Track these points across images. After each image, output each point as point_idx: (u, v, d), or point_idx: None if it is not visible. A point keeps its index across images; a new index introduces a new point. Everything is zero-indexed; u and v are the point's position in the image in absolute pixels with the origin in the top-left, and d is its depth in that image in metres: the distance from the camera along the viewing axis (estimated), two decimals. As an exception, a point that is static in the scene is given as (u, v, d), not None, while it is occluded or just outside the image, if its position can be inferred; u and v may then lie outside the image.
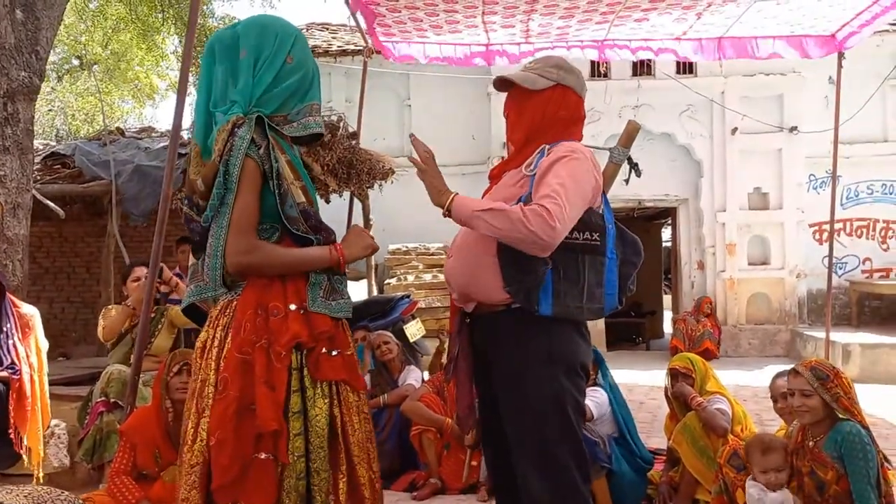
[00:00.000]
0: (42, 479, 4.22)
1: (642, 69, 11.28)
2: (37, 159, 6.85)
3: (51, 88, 18.18)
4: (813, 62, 7.64)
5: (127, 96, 20.74)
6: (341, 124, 7.53)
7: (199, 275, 2.28)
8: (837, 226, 10.71)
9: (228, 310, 2.22)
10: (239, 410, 2.09)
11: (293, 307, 2.17)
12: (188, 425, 2.20)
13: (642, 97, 11.15)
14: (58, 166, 7.92)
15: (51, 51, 5.79)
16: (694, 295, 11.43)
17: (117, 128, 9.05)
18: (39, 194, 6.55)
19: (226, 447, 2.08)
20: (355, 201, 7.68)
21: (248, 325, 2.14)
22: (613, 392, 4.31)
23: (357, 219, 7.88)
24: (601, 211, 2.48)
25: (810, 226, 11.40)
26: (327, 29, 13.25)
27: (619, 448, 4.16)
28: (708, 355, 9.41)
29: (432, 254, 10.85)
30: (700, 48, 6.19)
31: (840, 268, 11.31)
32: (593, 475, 3.49)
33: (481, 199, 2.48)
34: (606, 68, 11.36)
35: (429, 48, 6.31)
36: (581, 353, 2.49)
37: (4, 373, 4.15)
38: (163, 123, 28.15)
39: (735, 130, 11.09)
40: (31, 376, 4.27)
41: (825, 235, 11.18)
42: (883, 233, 11.49)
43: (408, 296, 7.37)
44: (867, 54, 10.06)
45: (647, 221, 14.67)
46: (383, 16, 5.63)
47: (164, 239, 3.78)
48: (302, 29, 8.94)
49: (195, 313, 2.37)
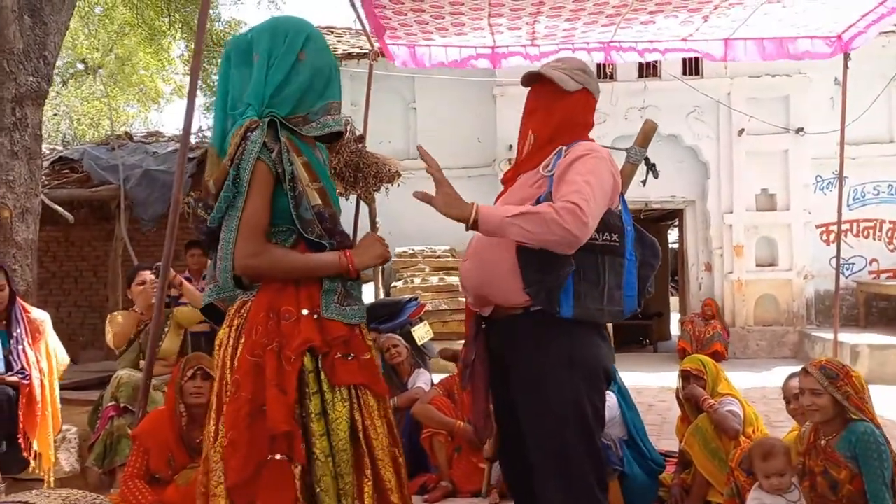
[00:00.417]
0: (53, 485, 4.22)
1: (648, 71, 11.28)
2: (45, 164, 6.86)
3: (56, 93, 18.22)
4: (819, 63, 7.65)
5: (132, 100, 20.79)
6: (348, 128, 7.54)
7: (215, 276, 2.29)
8: (844, 227, 10.67)
9: (243, 310, 2.23)
10: (251, 412, 2.10)
11: (305, 312, 2.17)
12: (210, 424, 2.22)
13: (648, 99, 11.14)
14: (66, 171, 7.94)
15: (58, 56, 5.81)
16: (701, 297, 11.41)
17: (125, 132, 9.07)
18: (48, 199, 6.57)
19: (238, 448, 2.08)
20: (362, 204, 7.68)
21: (260, 329, 2.15)
22: (622, 395, 4.29)
23: (363, 222, 7.88)
24: (619, 212, 2.45)
25: (817, 227, 11.38)
26: (332, 32, 13.26)
27: (630, 451, 4.15)
28: (717, 357, 9.40)
29: (438, 256, 10.86)
30: (706, 49, 6.20)
31: (847, 269, 11.28)
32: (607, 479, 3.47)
33: (503, 206, 2.37)
34: (612, 70, 11.37)
35: (434, 51, 6.32)
36: (602, 358, 2.45)
37: (14, 378, 4.16)
38: (168, 127, 28.19)
39: (742, 132, 11.08)
40: (42, 381, 4.28)
41: (832, 236, 11.14)
42: (890, 233, 11.46)
43: (415, 299, 7.36)
44: (873, 55, 10.03)
45: (654, 223, 14.65)
46: (389, 18, 5.65)
47: (174, 243, 3.78)
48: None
49: (214, 312, 2.37)
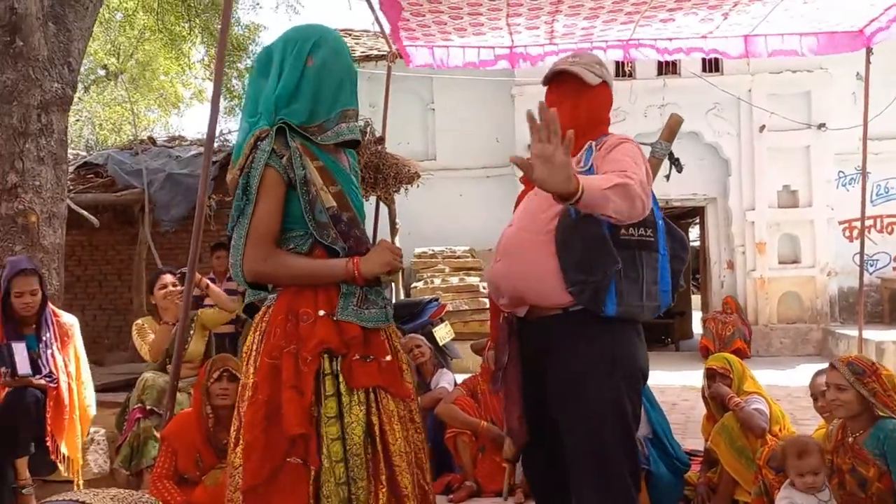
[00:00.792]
0: (81, 487, 4.27)
1: (668, 68, 11.23)
2: (70, 169, 6.94)
3: (79, 99, 18.39)
4: (840, 58, 7.57)
5: (153, 105, 20.97)
6: (367, 129, 7.58)
7: None
8: (868, 223, 10.56)
9: (266, 315, 2.26)
10: (268, 415, 2.11)
11: (322, 313, 2.18)
12: (232, 429, 2.24)
13: (668, 96, 11.09)
14: (91, 175, 8.03)
15: (82, 62, 5.88)
16: (723, 295, 11.34)
17: (149, 137, 9.16)
18: (73, 203, 6.65)
19: (255, 451, 2.10)
20: (381, 206, 7.72)
21: (278, 331, 2.17)
22: (645, 393, 4.27)
23: (383, 223, 7.91)
24: (651, 206, 2.39)
25: (840, 223, 11.29)
26: (350, 35, 13.32)
27: (655, 450, 4.12)
28: (740, 354, 9.33)
29: (458, 257, 10.87)
30: (726, 46, 6.17)
31: (871, 265, 11.16)
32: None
33: (591, 178, 2.16)
34: (631, 68, 11.32)
35: (453, 52, 6.33)
36: (641, 359, 2.43)
37: (42, 381, 4.21)
38: (188, 132, 28.39)
39: (763, 128, 11.00)
40: (70, 385, 4.33)
41: (855, 233, 11.02)
42: (913, 229, 11.34)
43: (436, 299, 7.39)
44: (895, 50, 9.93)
45: (675, 221, 14.52)
46: (407, 20, 5.66)
47: (200, 245, 3.82)
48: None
49: (255, 312, 2.40)
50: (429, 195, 10.48)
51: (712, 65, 11.13)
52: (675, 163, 2.79)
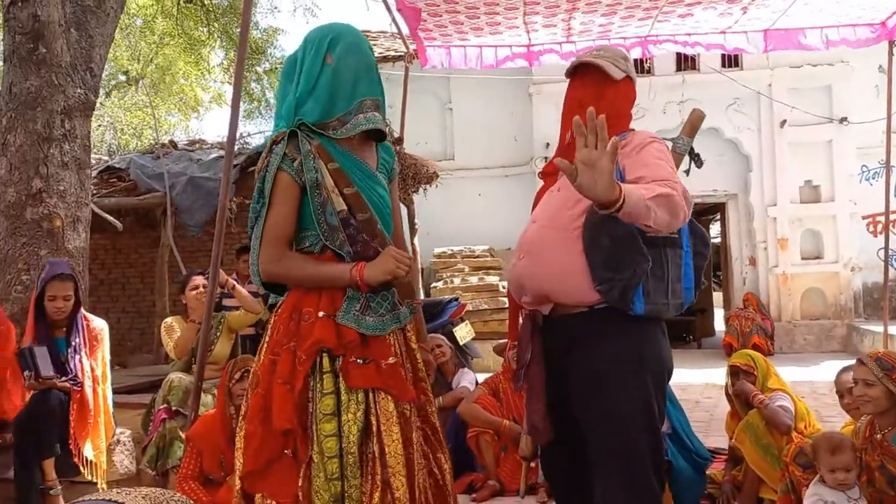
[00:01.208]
0: (105, 489, 4.31)
1: (686, 64, 11.17)
2: (93, 174, 7.01)
3: (100, 104, 18.54)
4: (861, 51, 7.50)
5: (173, 109, 21.14)
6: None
7: None
8: (893, 217, 10.45)
9: (275, 313, 2.32)
10: (265, 407, 2.17)
11: (322, 314, 2.20)
12: (240, 414, 2.31)
13: (687, 92, 11.04)
14: (114, 180, 8.10)
15: (104, 67, 5.93)
16: (745, 291, 11.26)
17: (170, 141, 9.23)
18: (97, 207, 6.72)
19: (252, 440, 2.16)
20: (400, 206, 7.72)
21: (281, 328, 2.23)
22: (664, 389, 4.25)
23: (403, 223, 7.93)
24: None
25: (863, 218, 11.17)
26: (367, 36, 13.33)
27: (674, 445, 4.11)
28: (759, 350, 9.25)
29: (477, 256, 10.87)
30: (746, 41, 6.12)
31: (896, 260, 11.05)
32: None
33: (634, 186, 2.09)
34: (650, 64, 11.27)
35: (469, 52, 6.34)
36: (667, 358, 2.41)
37: (67, 383, 4.24)
38: (208, 135, 28.59)
39: (784, 123, 10.91)
40: (95, 389, 4.37)
41: (879, 227, 10.91)
42: (939, 223, 11.18)
43: (456, 299, 7.38)
44: (918, 40, 9.81)
45: (695, 217, 14.43)
46: (424, 20, 5.68)
47: (222, 248, 3.85)
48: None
49: None
50: (447, 195, 10.50)
51: (732, 60, 11.06)
52: (696, 158, 2.76)
